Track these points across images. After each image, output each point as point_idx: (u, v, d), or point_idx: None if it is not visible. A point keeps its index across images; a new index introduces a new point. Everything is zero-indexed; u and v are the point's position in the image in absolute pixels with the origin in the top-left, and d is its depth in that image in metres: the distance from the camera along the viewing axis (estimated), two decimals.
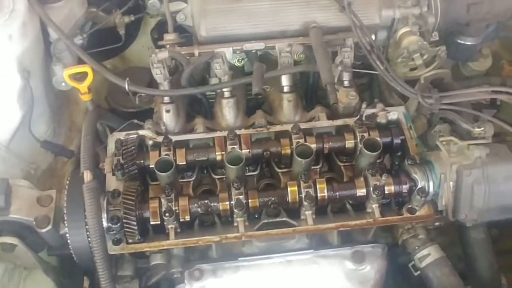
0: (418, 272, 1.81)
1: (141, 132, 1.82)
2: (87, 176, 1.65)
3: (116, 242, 1.67)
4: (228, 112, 1.82)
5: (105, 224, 1.64)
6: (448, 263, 1.79)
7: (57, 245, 1.74)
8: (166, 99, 1.83)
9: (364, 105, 1.79)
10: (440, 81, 1.83)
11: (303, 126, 1.77)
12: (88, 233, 1.62)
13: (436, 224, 1.83)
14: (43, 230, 1.68)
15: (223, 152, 1.73)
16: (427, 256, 1.79)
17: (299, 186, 1.67)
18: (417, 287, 1.87)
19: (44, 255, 1.81)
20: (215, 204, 1.68)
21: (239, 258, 1.77)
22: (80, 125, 1.95)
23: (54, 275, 1.82)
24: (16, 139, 1.95)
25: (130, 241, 1.67)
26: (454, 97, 1.74)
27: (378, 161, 1.76)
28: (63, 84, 1.97)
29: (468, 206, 1.68)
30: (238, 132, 1.77)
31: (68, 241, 1.66)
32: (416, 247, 1.80)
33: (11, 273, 1.79)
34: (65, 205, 1.67)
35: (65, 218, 1.66)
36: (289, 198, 1.68)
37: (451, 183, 1.67)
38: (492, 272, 1.83)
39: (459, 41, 1.89)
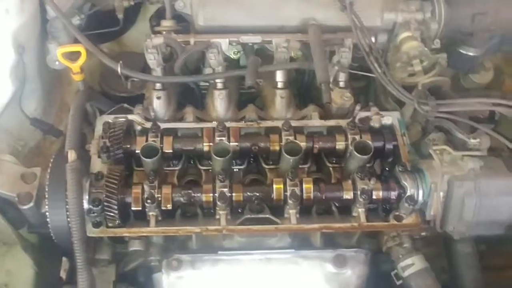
0: (400, 281, 1.77)
1: (130, 116, 1.79)
2: (71, 155, 1.63)
3: (96, 225, 1.65)
4: (219, 103, 1.80)
5: (86, 205, 1.62)
6: (431, 275, 1.76)
7: (38, 223, 1.72)
8: (158, 85, 1.80)
9: (358, 107, 1.76)
10: (438, 89, 1.79)
11: (294, 123, 1.74)
12: (67, 213, 1.59)
13: (423, 234, 1.79)
14: (25, 207, 1.67)
15: (210, 143, 1.70)
16: (411, 265, 1.75)
17: (285, 184, 1.64)
18: None
19: (24, 233, 1.79)
20: (198, 195, 1.65)
21: (219, 252, 1.75)
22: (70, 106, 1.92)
23: (33, 253, 1.79)
24: (6, 114, 1.93)
25: (110, 225, 1.65)
26: (451, 106, 1.70)
27: (368, 165, 1.73)
28: (56, 63, 1.95)
29: (457, 218, 1.64)
30: (227, 124, 1.74)
31: (48, 219, 1.63)
32: (400, 256, 1.77)
33: None
34: (47, 182, 1.65)
35: (46, 196, 1.63)
36: (274, 195, 1.65)
37: (441, 193, 1.64)
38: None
39: (461, 51, 1.85)
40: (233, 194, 1.65)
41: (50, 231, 1.65)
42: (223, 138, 1.69)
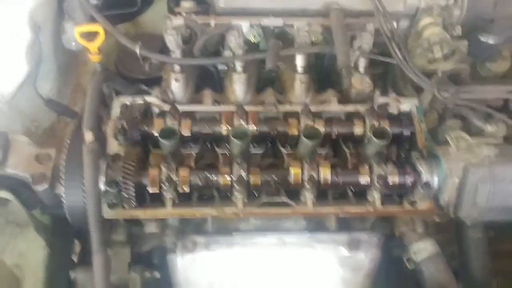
0: (412, 266, 1.79)
1: (147, 98, 1.79)
2: (89, 136, 1.62)
3: (112, 207, 1.65)
4: (238, 87, 1.79)
5: (102, 187, 1.62)
6: (443, 260, 1.79)
7: (51, 204, 1.71)
8: (177, 67, 1.79)
9: (377, 93, 1.75)
10: (457, 77, 1.79)
11: (313, 108, 1.74)
12: (83, 194, 1.59)
13: (436, 220, 1.80)
14: (39, 188, 1.66)
15: (229, 127, 1.70)
16: (423, 250, 1.78)
17: (302, 168, 1.65)
18: (410, 280, 1.86)
19: (37, 214, 1.79)
20: (216, 178, 1.65)
21: (234, 234, 1.76)
22: (86, 87, 1.91)
23: (46, 235, 1.80)
24: (20, 94, 1.91)
25: (126, 206, 1.65)
26: (470, 93, 1.71)
27: (384, 151, 1.74)
28: (73, 43, 1.94)
29: (470, 204, 1.66)
30: (246, 108, 1.74)
31: (63, 200, 1.64)
32: (413, 241, 1.79)
33: (2, 228, 1.79)
34: (63, 163, 1.64)
35: (62, 176, 1.63)
36: (292, 179, 1.66)
37: (456, 179, 1.64)
38: (484, 273, 1.82)
39: (481, 38, 1.84)
40: (251, 177, 1.65)
41: (64, 212, 1.65)
42: (242, 122, 1.69)
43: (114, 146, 1.72)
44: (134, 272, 1.81)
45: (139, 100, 1.78)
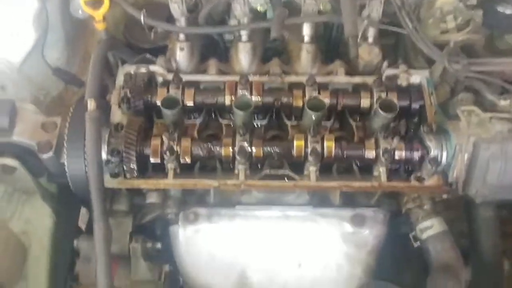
0: (418, 243, 1.75)
1: (152, 67, 1.77)
2: (91, 104, 1.61)
3: (114, 176, 1.64)
4: (243, 56, 1.75)
5: (104, 156, 1.61)
6: (450, 238, 1.73)
7: (57, 172, 1.72)
8: (181, 36, 1.76)
9: (385, 64, 1.69)
10: (470, 48, 1.71)
11: (319, 79, 1.69)
12: (86, 162, 1.59)
13: (444, 196, 1.75)
14: (45, 156, 1.67)
15: (233, 97, 1.67)
16: (430, 228, 1.72)
17: (306, 140, 1.61)
18: (415, 258, 1.81)
19: (44, 182, 1.80)
20: (218, 148, 1.63)
21: (236, 206, 1.73)
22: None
23: (52, 203, 1.81)
24: (28, 63, 1.93)
25: (128, 176, 1.64)
26: (483, 66, 1.63)
27: (392, 124, 1.68)
28: (80, 11, 1.93)
29: (480, 181, 1.60)
30: (251, 78, 1.70)
31: (66, 168, 1.64)
32: (420, 218, 1.74)
33: (10, 195, 1.80)
34: (66, 131, 1.64)
35: (65, 145, 1.63)
36: (295, 152, 1.62)
37: (466, 155, 1.58)
38: (495, 253, 1.76)
39: (498, 8, 1.75)
40: (253, 149, 1.62)
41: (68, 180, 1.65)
42: (246, 92, 1.66)
43: (117, 115, 1.71)
44: (135, 242, 1.80)
45: (143, 69, 1.76)
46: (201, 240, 1.74)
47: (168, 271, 1.83)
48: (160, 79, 1.77)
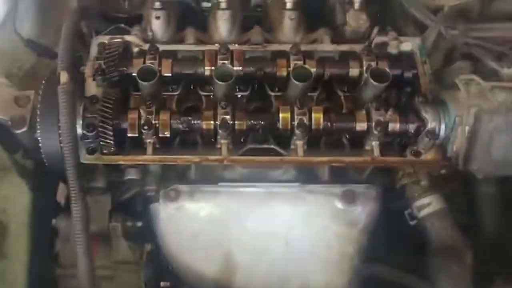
0: (415, 221, 1.66)
1: (127, 37, 1.67)
2: (63, 77, 1.52)
3: (90, 152, 1.56)
4: (222, 24, 1.65)
5: (79, 131, 1.53)
6: (449, 216, 1.65)
7: (32, 148, 1.64)
8: (157, 4, 1.67)
9: (375, 31, 1.59)
10: (465, 14, 1.60)
11: (303, 48, 1.59)
12: (60, 138, 1.50)
13: (442, 172, 1.65)
14: (19, 131, 1.59)
15: (212, 67, 1.57)
16: (428, 205, 1.64)
17: (292, 112, 1.52)
18: (410, 236, 1.72)
19: (19, 158, 1.74)
20: (198, 122, 1.54)
21: (219, 183, 1.65)
22: None
23: (29, 179, 1.75)
24: None
25: (105, 152, 1.56)
26: (482, 31, 1.52)
27: (383, 95, 1.58)
28: None
29: (483, 156, 1.50)
30: (231, 47, 1.60)
31: (40, 145, 1.56)
32: (416, 194, 1.65)
33: None
34: (38, 106, 1.55)
35: (38, 120, 1.55)
36: (280, 124, 1.53)
37: (466, 127, 1.48)
38: (497, 232, 1.67)
39: None
40: (236, 122, 1.53)
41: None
42: (226, 62, 1.56)
43: (92, 88, 1.61)
44: (115, 221, 1.73)
45: (118, 40, 1.66)
46: (183, 218, 1.67)
47: (150, 250, 1.76)
48: (136, 50, 1.67)
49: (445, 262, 1.61)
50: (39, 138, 1.56)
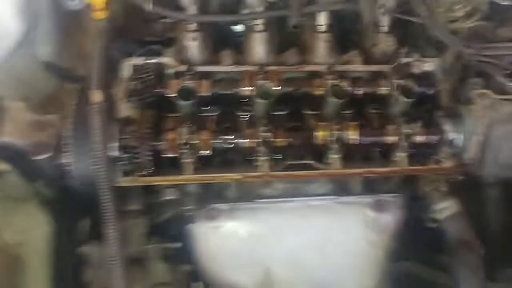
0: (435, 224, 1.80)
1: (161, 59, 1.67)
2: (98, 96, 1.50)
3: (126, 174, 1.55)
4: (259, 47, 1.70)
5: (116, 153, 1.52)
6: (465, 218, 1.79)
7: (54, 175, 1.59)
8: (192, 26, 1.69)
9: (403, 52, 1.72)
10: (477, 35, 1.78)
11: (337, 68, 1.68)
12: (93, 161, 1.48)
13: (459, 178, 1.80)
14: (40, 157, 1.55)
15: (251, 87, 1.62)
16: (447, 208, 1.79)
17: (329, 129, 1.60)
18: (430, 239, 1.85)
19: (39, 187, 1.65)
20: (239, 140, 1.59)
21: (257, 200, 1.69)
22: (89, 51, 1.77)
23: (49, 209, 1.66)
24: (16, 58, 1.76)
25: (141, 173, 1.55)
26: (494, 50, 1.70)
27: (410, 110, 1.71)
28: (76, 1, 1.79)
29: (493, 161, 1.67)
30: (268, 68, 1.66)
31: (70, 168, 1.53)
32: (437, 199, 1.79)
33: (1, 204, 1.64)
34: (70, 127, 1.53)
35: (68, 142, 1.52)
36: (318, 140, 1.61)
37: (480, 137, 1.65)
38: (506, 234, 1.83)
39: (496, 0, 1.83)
40: (276, 139, 1.59)
41: (69, 183, 1.54)
42: (265, 82, 1.62)
43: (125, 109, 1.60)
44: (151, 243, 1.71)
45: (152, 61, 1.67)
46: (223, 237, 1.68)
47: (188, 271, 1.75)
48: (171, 71, 1.68)
49: (463, 254, 1.75)
50: (69, 162, 1.52)
